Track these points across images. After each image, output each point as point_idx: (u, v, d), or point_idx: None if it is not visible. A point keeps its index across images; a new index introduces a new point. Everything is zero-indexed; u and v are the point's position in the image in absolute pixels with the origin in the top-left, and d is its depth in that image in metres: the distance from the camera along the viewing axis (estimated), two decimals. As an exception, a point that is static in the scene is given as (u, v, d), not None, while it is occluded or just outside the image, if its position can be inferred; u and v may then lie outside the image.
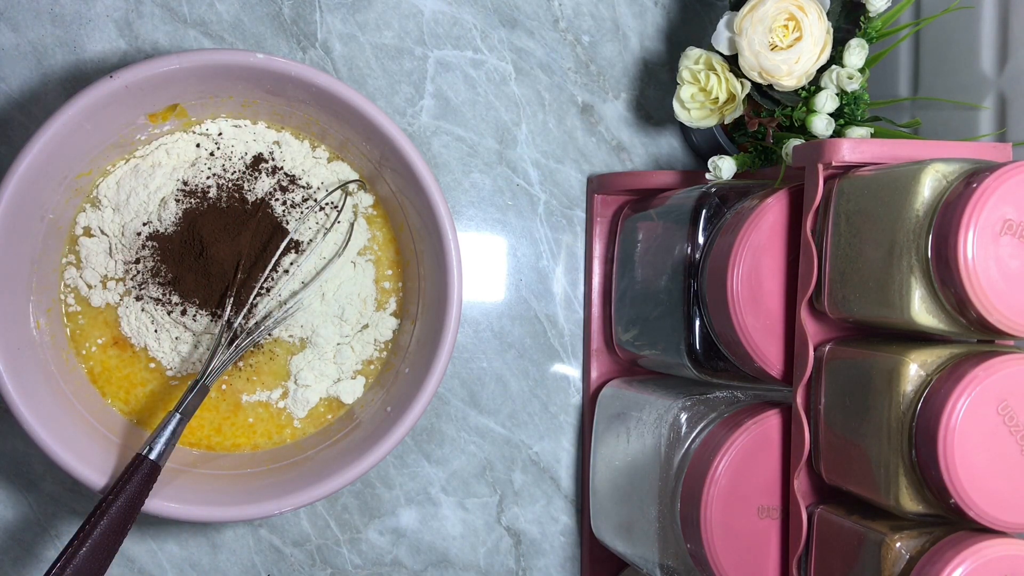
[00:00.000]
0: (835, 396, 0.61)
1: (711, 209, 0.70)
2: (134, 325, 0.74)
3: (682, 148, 0.86)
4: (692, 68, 0.72)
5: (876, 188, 0.58)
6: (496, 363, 0.84)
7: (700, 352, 0.70)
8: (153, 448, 0.66)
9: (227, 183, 0.75)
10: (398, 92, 0.82)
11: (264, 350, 0.76)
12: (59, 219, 0.72)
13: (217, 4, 0.80)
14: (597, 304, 0.83)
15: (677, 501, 0.67)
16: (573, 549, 0.86)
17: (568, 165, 0.84)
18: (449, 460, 0.83)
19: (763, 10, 0.67)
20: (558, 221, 0.84)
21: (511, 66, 0.84)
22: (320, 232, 0.76)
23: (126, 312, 0.74)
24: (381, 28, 0.82)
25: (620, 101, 0.85)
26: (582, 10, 0.84)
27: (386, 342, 0.77)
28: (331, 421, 0.77)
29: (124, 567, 0.80)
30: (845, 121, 0.70)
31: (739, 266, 0.64)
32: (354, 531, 0.83)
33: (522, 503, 0.84)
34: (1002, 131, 0.70)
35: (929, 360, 0.56)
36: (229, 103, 0.73)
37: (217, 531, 0.81)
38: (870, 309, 0.58)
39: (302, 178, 0.76)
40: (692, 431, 0.69)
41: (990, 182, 0.52)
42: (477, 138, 0.83)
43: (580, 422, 0.85)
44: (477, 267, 0.83)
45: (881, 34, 0.71)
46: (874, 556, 0.57)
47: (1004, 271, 0.52)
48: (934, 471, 0.53)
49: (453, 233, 0.71)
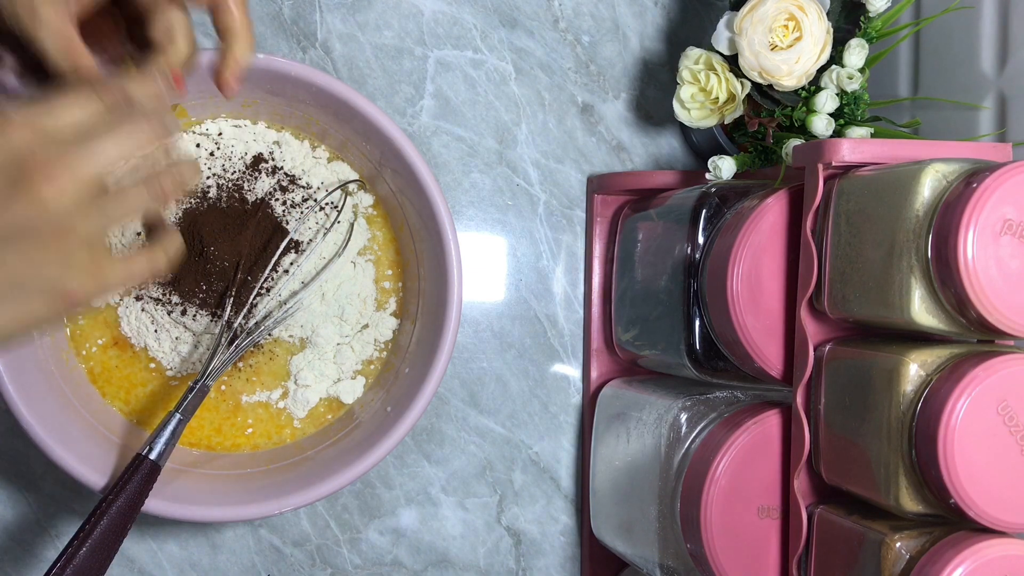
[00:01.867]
0: (835, 396, 0.61)
1: (711, 209, 0.70)
2: (134, 325, 0.74)
3: (682, 148, 0.86)
4: (692, 68, 0.72)
5: (876, 188, 0.58)
6: (496, 363, 0.84)
7: (700, 352, 0.70)
8: (153, 448, 0.66)
9: (227, 183, 0.75)
10: (398, 92, 0.82)
11: (264, 350, 0.76)
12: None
13: (217, 4, 0.80)
14: (597, 304, 0.83)
15: (677, 501, 0.67)
16: (573, 549, 0.86)
17: (568, 165, 0.84)
18: (449, 460, 0.83)
19: (763, 10, 0.67)
20: (558, 221, 0.84)
21: (511, 66, 0.84)
22: (320, 232, 0.76)
23: (126, 312, 0.74)
24: (381, 28, 0.82)
25: (620, 101, 0.85)
26: (582, 10, 0.84)
27: (386, 342, 0.77)
28: (331, 421, 0.77)
29: (124, 567, 0.80)
30: (845, 121, 0.70)
31: (739, 266, 0.64)
32: (354, 531, 0.83)
33: (522, 503, 0.84)
34: (1002, 131, 0.70)
35: (929, 360, 0.56)
36: (229, 103, 0.73)
37: (217, 531, 0.81)
38: (870, 309, 0.58)
39: (302, 178, 0.76)
40: (692, 431, 0.69)
41: (990, 182, 0.52)
42: (477, 138, 0.83)
43: (580, 422, 0.85)
44: (477, 267, 0.83)
45: (881, 34, 0.71)
46: (874, 556, 0.57)
47: (1004, 271, 0.52)
48: (934, 471, 0.53)
49: (453, 233, 0.71)
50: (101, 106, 0.49)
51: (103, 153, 0.48)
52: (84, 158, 0.47)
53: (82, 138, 0.48)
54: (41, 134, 0.47)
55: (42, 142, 0.47)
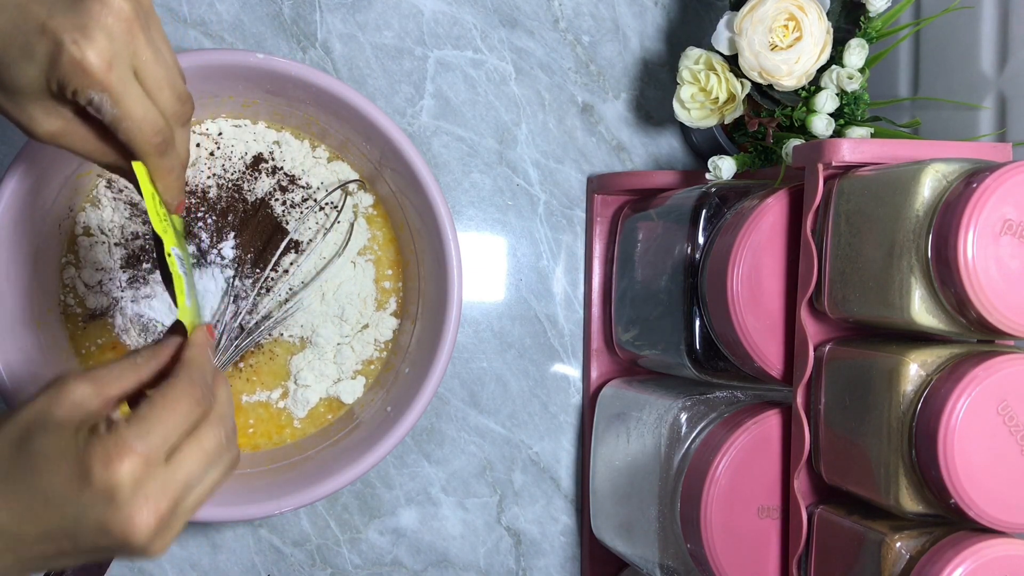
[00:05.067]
0: (835, 396, 0.61)
1: (711, 209, 0.70)
2: (133, 326, 0.74)
3: (682, 148, 0.86)
4: (692, 68, 0.72)
5: (876, 188, 0.58)
6: (496, 363, 0.84)
7: (700, 352, 0.70)
8: (153, 448, 0.66)
9: (227, 183, 0.75)
10: (398, 92, 0.82)
11: (264, 350, 0.76)
12: (59, 219, 0.72)
13: (217, 4, 0.80)
14: (597, 304, 0.83)
15: (677, 501, 0.67)
16: (573, 549, 0.86)
17: (568, 165, 0.84)
18: (449, 460, 0.83)
19: (763, 10, 0.67)
20: (558, 221, 0.84)
21: (511, 66, 0.84)
22: (320, 232, 0.76)
23: (123, 313, 0.74)
24: (381, 28, 0.82)
25: (620, 101, 0.85)
26: (582, 10, 0.84)
27: (386, 342, 0.77)
28: (331, 421, 0.77)
29: (124, 567, 0.80)
30: (845, 121, 0.70)
31: (739, 266, 0.64)
32: (354, 531, 0.83)
33: (522, 503, 0.84)
34: (1002, 131, 0.70)
35: (929, 360, 0.56)
36: (229, 103, 0.73)
37: (217, 531, 0.81)
38: (870, 309, 0.58)
39: (302, 178, 0.76)
40: (692, 431, 0.69)
41: (990, 182, 0.52)
42: (477, 138, 0.83)
43: (580, 422, 0.85)
44: (477, 267, 0.83)
45: (881, 34, 0.71)
46: (874, 556, 0.57)
47: (1004, 271, 0.52)
48: (934, 471, 0.53)
49: (453, 233, 0.71)
50: (197, 411, 0.48)
51: (193, 479, 0.46)
52: (179, 491, 0.46)
53: (181, 467, 0.46)
54: (147, 463, 0.44)
55: (146, 474, 0.44)
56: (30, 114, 0.50)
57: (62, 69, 0.48)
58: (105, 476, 0.43)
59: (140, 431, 0.45)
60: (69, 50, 0.48)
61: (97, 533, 0.44)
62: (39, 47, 0.48)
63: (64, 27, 0.48)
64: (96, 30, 0.48)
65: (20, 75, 0.49)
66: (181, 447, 0.46)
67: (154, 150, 0.52)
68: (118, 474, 0.43)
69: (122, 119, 0.50)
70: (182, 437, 0.46)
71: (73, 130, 0.52)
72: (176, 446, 0.46)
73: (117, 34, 0.49)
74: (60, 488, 0.44)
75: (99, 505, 0.44)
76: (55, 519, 0.44)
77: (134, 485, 0.44)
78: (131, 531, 0.44)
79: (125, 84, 0.50)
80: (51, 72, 0.48)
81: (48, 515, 0.44)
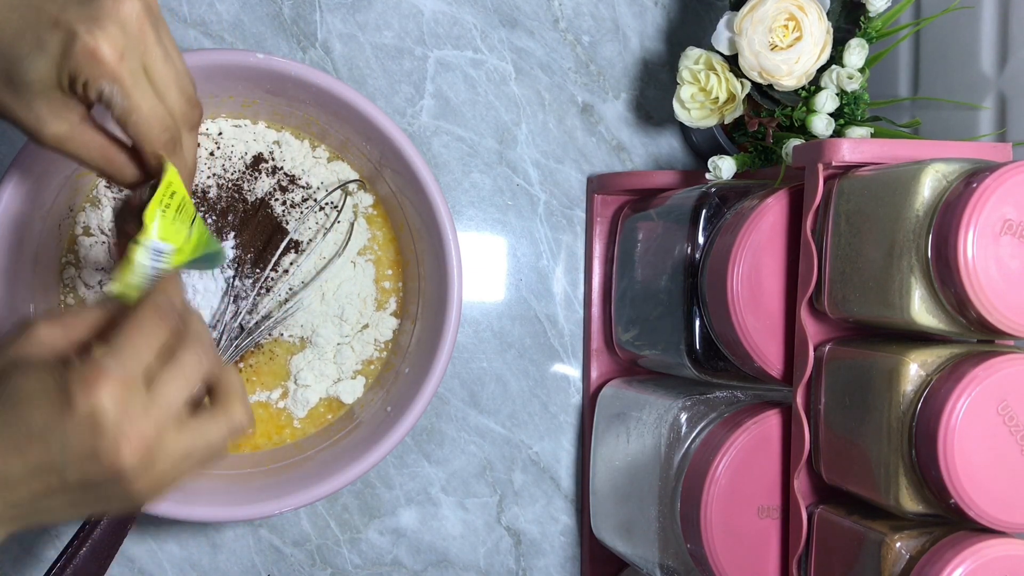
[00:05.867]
0: (835, 396, 0.61)
1: (711, 209, 0.70)
2: (134, 325, 0.74)
3: (682, 148, 0.86)
4: (692, 68, 0.72)
5: (876, 188, 0.58)
6: (496, 363, 0.84)
7: (700, 352, 0.70)
8: (153, 448, 0.66)
9: (227, 183, 0.75)
10: (398, 92, 0.82)
11: (264, 350, 0.76)
12: (59, 219, 0.72)
13: (217, 4, 0.80)
14: (597, 304, 0.83)
15: (677, 501, 0.67)
16: (573, 549, 0.86)
17: (568, 165, 0.84)
18: (449, 460, 0.83)
19: (763, 10, 0.67)
20: (558, 221, 0.84)
21: (511, 66, 0.84)
22: (320, 232, 0.76)
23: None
24: (381, 28, 0.82)
25: (620, 101, 0.85)
26: (582, 10, 0.84)
27: (386, 342, 0.77)
28: (331, 421, 0.77)
29: (124, 567, 0.80)
30: (845, 121, 0.70)
31: (739, 266, 0.64)
32: (354, 531, 0.83)
33: (522, 503, 0.84)
34: (1002, 131, 0.70)
35: (929, 360, 0.56)
36: (229, 103, 0.73)
37: (217, 531, 0.81)
38: (870, 309, 0.58)
39: (302, 178, 0.76)
40: (692, 431, 0.69)
41: (990, 182, 0.52)
42: (477, 138, 0.83)
43: (580, 422, 0.85)
44: (477, 267, 0.83)
45: (881, 34, 0.71)
46: (874, 556, 0.57)
47: (1004, 271, 0.52)
48: (934, 471, 0.53)
49: (453, 233, 0.71)
50: (167, 335, 0.48)
51: (175, 403, 0.47)
52: (162, 415, 0.46)
53: (161, 392, 0.46)
54: (126, 387, 0.44)
55: (128, 398, 0.44)
56: (38, 114, 0.51)
57: (75, 59, 0.48)
58: (87, 403, 0.43)
59: (114, 356, 0.45)
60: (83, 39, 0.48)
61: (84, 460, 0.44)
62: (52, 39, 0.49)
63: (78, 18, 0.48)
64: (109, 22, 0.49)
65: (31, 69, 0.49)
66: (160, 373, 0.46)
67: (161, 147, 0.52)
68: (100, 398, 0.43)
69: (131, 111, 0.51)
70: (159, 362, 0.47)
71: (79, 135, 0.52)
72: (155, 372, 0.46)
73: (129, 28, 0.49)
74: (42, 421, 0.44)
75: (84, 432, 0.44)
76: (40, 452, 0.44)
77: (116, 408, 0.44)
78: (118, 455, 0.44)
79: (135, 77, 0.50)
80: (63, 62, 0.49)
81: (33, 449, 0.44)
